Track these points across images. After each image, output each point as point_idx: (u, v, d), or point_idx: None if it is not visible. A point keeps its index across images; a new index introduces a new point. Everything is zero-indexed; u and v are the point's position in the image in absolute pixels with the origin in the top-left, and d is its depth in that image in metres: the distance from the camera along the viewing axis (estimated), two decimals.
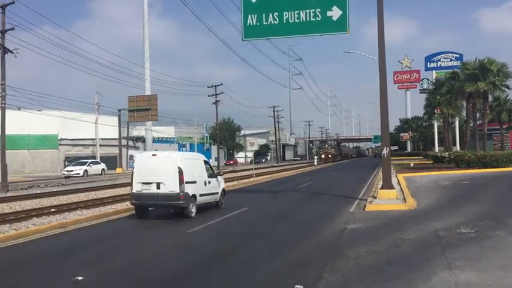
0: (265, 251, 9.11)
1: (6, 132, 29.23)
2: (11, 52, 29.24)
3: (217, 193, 15.94)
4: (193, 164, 14.98)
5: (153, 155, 15.09)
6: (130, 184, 14.55)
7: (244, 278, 7.21)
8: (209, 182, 15.32)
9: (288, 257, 8.47)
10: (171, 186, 13.51)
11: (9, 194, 24.31)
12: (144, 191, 13.79)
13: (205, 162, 15.87)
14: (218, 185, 16.18)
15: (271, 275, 7.30)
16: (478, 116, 39.87)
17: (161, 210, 15.08)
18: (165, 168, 13.81)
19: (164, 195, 13.56)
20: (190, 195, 13.79)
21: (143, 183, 13.83)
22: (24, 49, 39.91)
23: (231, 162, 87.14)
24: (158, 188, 13.65)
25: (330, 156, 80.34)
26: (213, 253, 9.11)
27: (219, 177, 16.68)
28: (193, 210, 13.98)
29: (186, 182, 13.64)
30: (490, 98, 38.75)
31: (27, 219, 13.68)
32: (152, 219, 14.33)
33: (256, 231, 11.67)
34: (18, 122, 52.50)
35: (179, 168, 13.62)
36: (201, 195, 14.52)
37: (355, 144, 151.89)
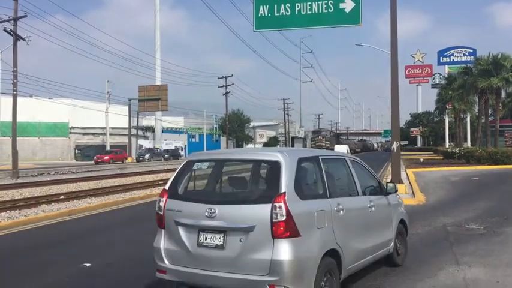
0: None
1: (18, 119, 29.49)
2: (23, 39, 29.46)
3: None
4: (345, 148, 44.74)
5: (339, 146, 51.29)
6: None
7: None
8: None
9: None
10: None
11: (19, 181, 24.56)
12: None
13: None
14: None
15: None
16: (490, 112, 39.51)
17: None
18: (342, 150, 40.60)
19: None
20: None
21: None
22: (37, 37, 40.13)
23: (105, 157, 52.16)
24: None
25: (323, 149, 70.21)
26: None
27: None
28: None
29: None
30: (503, 94, 38.44)
31: (37, 206, 13.81)
32: None
33: None
34: (29, 110, 52.99)
35: (347, 150, 44.01)
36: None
37: (360, 137, 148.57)
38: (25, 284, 6.69)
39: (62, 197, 15.90)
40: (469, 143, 48.63)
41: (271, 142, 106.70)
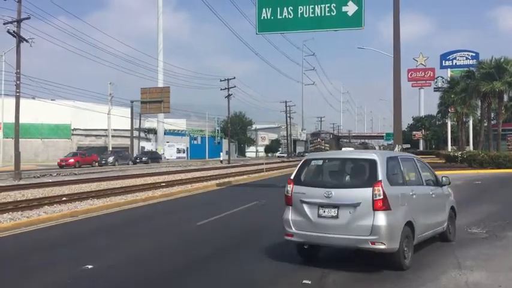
0: (273, 245, 9.08)
1: (20, 121, 29.53)
2: (26, 41, 29.53)
3: None
4: None
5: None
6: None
7: (252, 272, 7.21)
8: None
9: (296, 252, 8.43)
10: None
11: (21, 182, 24.60)
12: None
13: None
14: None
15: (279, 270, 7.28)
16: (492, 115, 39.40)
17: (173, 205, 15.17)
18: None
19: None
20: None
21: None
22: (40, 39, 40.28)
23: (70, 160, 45.40)
24: None
25: None
26: (220, 245, 9.12)
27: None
28: None
29: None
30: (506, 98, 38.32)
31: (39, 207, 13.84)
32: (164, 213, 14.46)
33: (264, 226, 11.64)
34: (32, 111, 53.05)
35: None
36: None
37: (362, 140, 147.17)
38: (27, 286, 6.70)
39: (64, 198, 15.92)
40: (471, 147, 48.53)
41: (273, 145, 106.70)
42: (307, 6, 17.72)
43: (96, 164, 48.90)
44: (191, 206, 15.90)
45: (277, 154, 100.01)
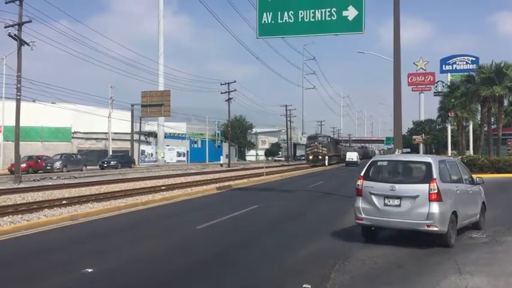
0: (273, 249, 9.09)
1: (21, 124, 29.55)
2: (28, 44, 29.56)
3: None
4: None
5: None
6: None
7: (252, 276, 7.20)
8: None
9: (296, 256, 8.45)
10: None
11: (21, 185, 24.61)
12: None
13: None
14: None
15: (279, 274, 7.27)
16: (492, 120, 39.33)
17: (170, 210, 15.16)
18: (353, 156, 61.27)
19: None
20: None
21: None
22: (41, 42, 40.33)
23: (22, 165, 34.67)
24: None
25: (319, 157, 59.55)
26: (220, 249, 9.12)
27: None
28: None
29: None
30: (506, 103, 38.30)
31: (39, 211, 13.84)
32: (164, 217, 14.46)
33: (265, 230, 11.66)
34: (32, 114, 53.00)
35: (356, 156, 62.39)
36: None
37: (362, 144, 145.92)
38: None
39: (64, 201, 15.91)
40: (471, 151, 48.47)
41: (274, 148, 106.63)
42: (308, 11, 17.75)
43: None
44: (191, 209, 15.89)
45: (275, 158, 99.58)
